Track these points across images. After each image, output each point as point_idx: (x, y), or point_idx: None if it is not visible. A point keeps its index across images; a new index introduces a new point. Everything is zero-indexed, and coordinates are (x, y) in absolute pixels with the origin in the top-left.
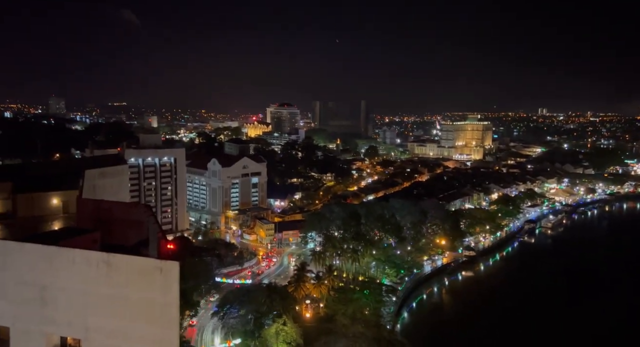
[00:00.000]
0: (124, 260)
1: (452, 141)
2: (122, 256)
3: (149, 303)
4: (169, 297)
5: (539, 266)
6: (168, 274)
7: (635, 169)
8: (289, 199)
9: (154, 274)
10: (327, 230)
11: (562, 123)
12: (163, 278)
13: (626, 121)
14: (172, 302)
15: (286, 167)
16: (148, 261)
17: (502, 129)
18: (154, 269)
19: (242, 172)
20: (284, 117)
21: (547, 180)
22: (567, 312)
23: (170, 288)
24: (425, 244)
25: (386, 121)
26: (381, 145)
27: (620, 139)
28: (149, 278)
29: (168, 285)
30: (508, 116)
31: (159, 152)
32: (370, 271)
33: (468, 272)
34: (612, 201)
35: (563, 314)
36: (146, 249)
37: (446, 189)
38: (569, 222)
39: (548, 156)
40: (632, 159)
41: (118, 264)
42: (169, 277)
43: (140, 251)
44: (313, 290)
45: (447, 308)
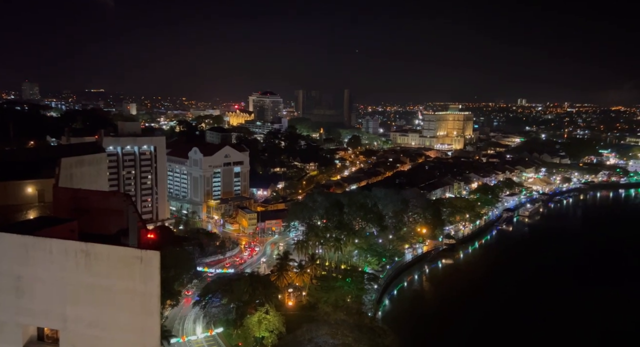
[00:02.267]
0: (104, 249)
1: (434, 131)
2: (102, 246)
3: (130, 292)
4: (150, 287)
5: (516, 254)
6: (149, 264)
7: (609, 159)
8: (271, 188)
9: (135, 264)
10: (310, 219)
11: (540, 113)
12: (144, 267)
13: (601, 112)
14: (153, 291)
15: (269, 157)
16: (128, 250)
17: (483, 119)
18: (134, 259)
19: (224, 161)
20: (266, 106)
21: (525, 169)
22: (543, 297)
23: (151, 277)
24: (406, 233)
25: (369, 111)
26: (364, 135)
27: (595, 129)
28: (130, 267)
29: (149, 274)
30: (488, 106)
31: (138, 141)
32: (353, 259)
33: (448, 260)
34: (587, 190)
35: (539, 299)
36: (126, 239)
37: (427, 178)
38: (545, 211)
39: (526, 146)
40: (605, 149)
41: (97, 254)
42: (149, 267)
43: (120, 240)
44: (296, 279)
45: (427, 295)
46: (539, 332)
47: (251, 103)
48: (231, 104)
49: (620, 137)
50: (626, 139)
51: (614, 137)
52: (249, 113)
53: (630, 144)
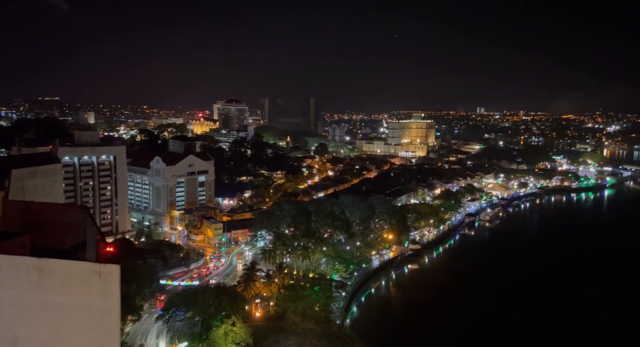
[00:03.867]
0: (58, 265)
1: (398, 139)
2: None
3: (87, 310)
4: (109, 303)
5: (479, 258)
6: (107, 278)
7: (562, 165)
8: (238, 197)
9: (92, 279)
10: (277, 228)
11: (498, 121)
12: (102, 283)
13: (553, 120)
14: (112, 307)
15: (235, 165)
16: (85, 265)
17: (444, 127)
18: (91, 274)
19: (188, 171)
20: (232, 114)
21: (485, 175)
22: (506, 299)
23: (110, 293)
24: (373, 239)
25: (335, 119)
26: (331, 143)
27: (549, 136)
28: (87, 283)
29: (108, 290)
30: (449, 115)
31: (96, 150)
32: (321, 267)
33: (414, 265)
34: (542, 194)
35: (502, 301)
36: (83, 253)
37: (393, 185)
38: (504, 215)
39: (486, 153)
40: (558, 155)
41: (51, 270)
42: (108, 282)
43: (77, 254)
44: (263, 289)
45: (395, 301)
46: (505, 334)
47: (216, 111)
48: (195, 112)
49: (571, 144)
50: (576, 145)
51: (566, 144)
52: (214, 121)
53: (580, 151)
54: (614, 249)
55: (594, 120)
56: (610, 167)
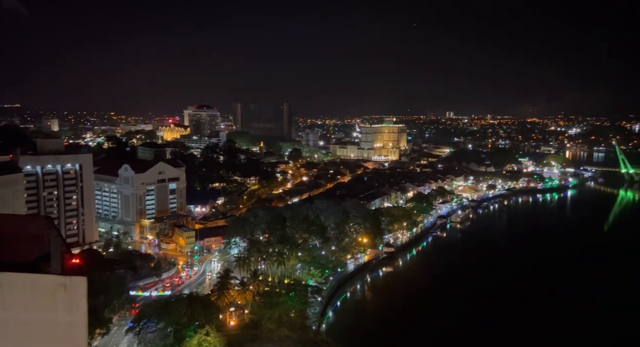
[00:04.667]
0: (20, 279)
1: (371, 143)
2: (17, 275)
3: (52, 325)
4: (76, 317)
5: (451, 259)
6: (74, 291)
7: (527, 167)
8: (210, 204)
9: (57, 292)
10: (251, 234)
11: (466, 125)
12: (68, 296)
13: (519, 123)
14: (79, 321)
15: (207, 172)
16: (49, 278)
17: (415, 131)
18: (56, 287)
19: (158, 178)
20: (203, 120)
21: (455, 178)
22: (476, 299)
23: (77, 306)
24: (348, 243)
25: (309, 124)
26: (304, 148)
27: (515, 139)
28: (52, 297)
29: (74, 303)
30: (420, 119)
31: (61, 159)
32: (296, 272)
33: (388, 268)
34: (510, 196)
35: (473, 301)
36: (47, 265)
37: (367, 189)
38: (475, 216)
39: (456, 156)
40: (524, 158)
41: (12, 284)
42: (74, 295)
43: (41, 267)
44: (237, 297)
45: (370, 305)
46: (480, 335)
47: (186, 117)
48: (165, 119)
49: (536, 146)
50: (541, 147)
51: (531, 146)
52: (185, 127)
53: (544, 153)
54: (579, 247)
55: (556, 123)
56: (572, 169)
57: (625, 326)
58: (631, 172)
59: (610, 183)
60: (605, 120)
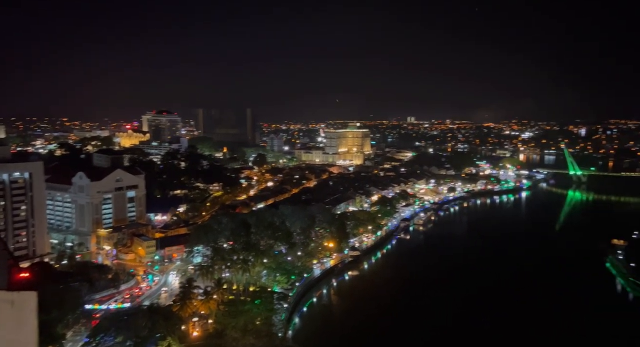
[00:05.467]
0: None
1: (336, 148)
2: None
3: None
4: (25, 334)
5: (414, 260)
6: (22, 307)
7: (485, 170)
8: (171, 212)
9: (3, 309)
10: (215, 242)
11: (427, 130)
12: (16, 312)
13: (476, 128)
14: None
15: (168, 179)
16: None
17: (378, 136)
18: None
19: (115, 186)
20: (163, 125)
21: (418, 181)
22: (439, 300)
23: (26, 323)
24: (314, 248)
25: (273, 129)
26: (269, 153)
27: (473, 143)
28: None
29: (23, 319)
30: (382, 124)
31: (8, 167)
32: (262, 279)
33: (354, 272)
34: (469, 198)
35: (436, 302)
36: None
37: (332, 193)
38: (436, 219)
39: (417, 160)
40: (482, 161)
41: None
42: (23, 311)
43: None
44: (201, 306)
45: (336, 309)
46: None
47: (145, 123)
48: (122, 124)
49: (492, 150)
50: (497, 151)
51: (488, 150)
52: (144, 133)
53: (500, 156)
54: (532, 248)
55: (510, 128)
56: (526, 171)
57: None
58: (578, 174)
59: (560, 184)
60: (555, 125)
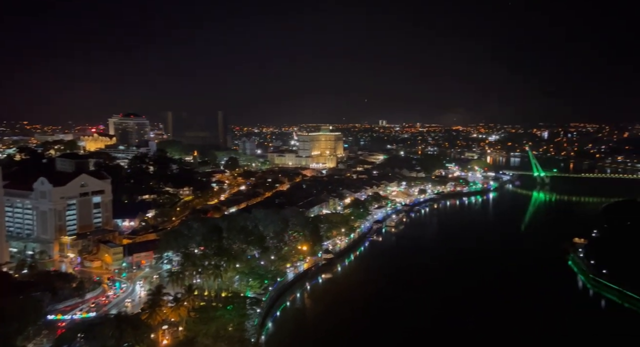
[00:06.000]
0: None
1: (309, 151)
2: None
3: None
4: None
5: (387, 262)
6: None
7: (454, 172)
8: (140, 217)
9: None
10: (185, 248)
11: (398, 133)
12: None
13: (445, 131)
14: None
15: (136, 183)
16: None
17: (351, 139)
18: None
19: (80, 192)
20: (130, 129)
21: (389, 183)
22: (410, 301)
23: None
24: (287, 252)
25: (245, 132)
26: (242, 157)
27: (442, 146)
28: None
29: None
30: (355, 127)
31: None
32: (234, 285)
33: (327, 275)
34: (439, 199)
35: (408, 303)
36: None
37: (305, 196)
38: (408, 220)
39: (389, 162)
40: (451, 163)
41: None
42: None
43: None
44: (171, 314)
45: (309, 312)
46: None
47: (112, 126)
48: (87, 128)
49: (461, 153)
50: (465, 153)
51: (456, 153)
52: (110, 137)
53: (468, 158)
54: (500, 247)
55: (478, 131)
56: (493, 173)
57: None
58: (542, 175)
59: (525, 185)
60: (519, 128)
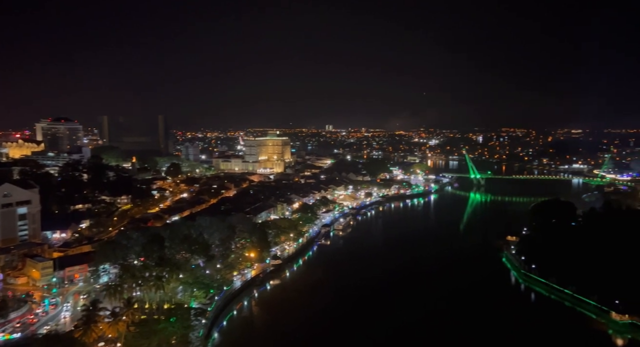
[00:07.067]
0: None
1: (256, 156)
2: None
3: None
4: None
5: (334, 266)
6: None
7: (398, 175)
8: (72, 229)
9: None
10: (124, 259)
11: (345, 138)
12: None
13: (389, 136)
14: None
15: (68, 192)
16: None
17: (298, 144)
18: None
19: (2, 202)
20: (61, 134)
21: (337, 187)
22: (359, 303)
23: None
24: (234, 259)
25: (189, 137)
26: (185, 163)
27: (386, 150)
28: None
29: None
30: (302, 132)
31: None
32: (178, 296)
33: (276, 281)
34: (384, 202)
35: (356, 306)
36: None
37: (253, 202)
38: (355, 223)
39: (336, 167)
40: (395, 167)
41: None
42: None
43: None
44: (108, 330)
45: (257, 320)
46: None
47: (39, 131)
48: (11, 133)
49: (404, 156)
50: (407, 157)
51: (399, 157)
52: (38, 143)
53: (411, 162)
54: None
55: (419, 135)
56: (433, 176)
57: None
58: (478, 177)
59: (463, 187)
60: (457, 132)
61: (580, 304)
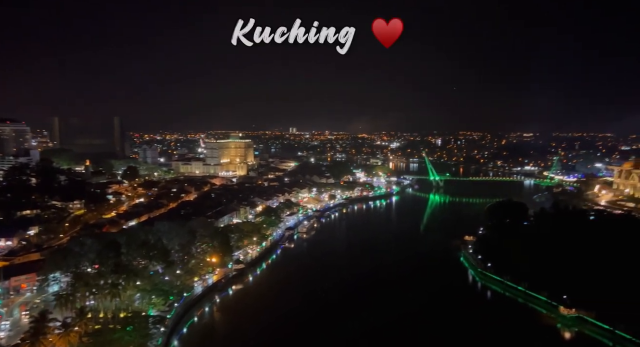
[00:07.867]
0: None
1: (218, 159)
2: None
3: None
4: None
5: (297, 269)
6: None
7: (361, 177)
8: (19, 236)
9: None
10: (76, 267)
11: (308, 140)
12: None
13: (352, 139)
14: None
15: (14, 198)
16: None
17: (262, 146)
18: None
19: None
20: (6, 136)
21: (301, 190)
22: (322, 306)
23: None
24: (195, 265)
25: (146, 139)
26: (142, 166)
27: (349, 153)
28: None
29: None
30: (266, 134)
31: None
32: (135, 303)
33: (238, 286)
34: (348, 204)
35: (321, 308)
36: None
37: (214, 206)
38: (319, 226)
39: (300, 169)
40: (357, 169)
41: None
42: None
43: None
44: (58, 341)
45: (218, 325)
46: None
47: None
48: None
49: (367, 159)
50: (370, 160)
51: (362, 159)
52: None
53: (373, 164)
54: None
55: (381, 138)
56: (395, 178)
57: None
58: (437, 179)
59: (423, 189)
60: (417, 135)
61: (532, 300)
